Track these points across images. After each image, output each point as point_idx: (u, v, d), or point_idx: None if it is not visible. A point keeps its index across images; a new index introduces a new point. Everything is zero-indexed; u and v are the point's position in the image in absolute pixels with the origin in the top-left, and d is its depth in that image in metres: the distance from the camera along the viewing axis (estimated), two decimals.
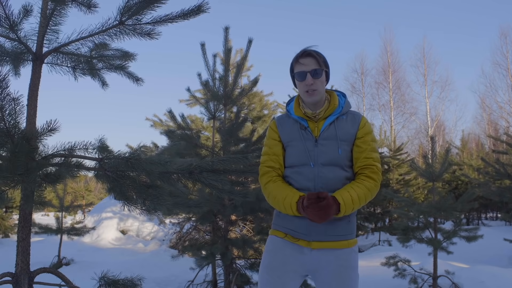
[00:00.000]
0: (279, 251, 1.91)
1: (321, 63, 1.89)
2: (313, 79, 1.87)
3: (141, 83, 2.80)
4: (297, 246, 1.89)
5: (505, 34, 26.60)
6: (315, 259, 1.88)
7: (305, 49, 1.92)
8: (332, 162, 1.88)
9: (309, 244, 1.87)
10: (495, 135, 23.72)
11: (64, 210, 8.80)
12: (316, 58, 1.89)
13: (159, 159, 2.03)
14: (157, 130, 9.66)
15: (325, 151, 1.88)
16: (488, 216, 20.36)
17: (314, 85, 1.88)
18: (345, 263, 1.87)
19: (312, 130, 1.93)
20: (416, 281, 5.55)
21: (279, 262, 1.89)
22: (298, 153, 1.91)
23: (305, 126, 1.93)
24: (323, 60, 1.92)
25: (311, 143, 1.90)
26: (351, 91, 30.21)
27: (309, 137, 1.91)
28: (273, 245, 1.94)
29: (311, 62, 1.88)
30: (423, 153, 7.94)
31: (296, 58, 1.93)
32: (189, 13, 2.15)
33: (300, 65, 1.90)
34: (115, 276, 2.46)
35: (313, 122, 1.94)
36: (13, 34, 2.22)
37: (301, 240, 1.88)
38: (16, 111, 1.92)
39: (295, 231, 1.89)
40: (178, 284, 6.19)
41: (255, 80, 5.78)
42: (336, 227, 1.87)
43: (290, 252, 1.89)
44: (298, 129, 1.94)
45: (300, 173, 1.90)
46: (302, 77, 1.89)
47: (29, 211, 2.22)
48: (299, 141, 1.92)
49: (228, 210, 5.07)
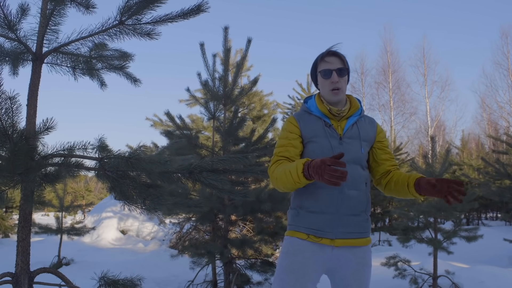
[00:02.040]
0: (299, 253, 1.89)
1: (345, 63, 1.95)
2: (339, 77, 1.91)
3: (139, 84, 2.80)
4: (319, 246, 1.88)
5: (506, 34, 26.63)
6: (335, 257, 1.89)
7: (330, 49, 1.97)
8: (355, 160, 1.92)
9: (333, 242, 1.87)
10: (495, 135, 23.72)
11: (64, 210, 8.80)
12: (341, 57, 1.94)
13: (159, 158, 2.03)
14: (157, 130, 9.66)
15: (350, 149, 1.92)
16: (488, 216, 20.37)
17: (339, 83, 1.92)
18: (363, 260, 1.90)
19: (336, 128, 1.96)
20: (416, 281, 5.55)
21: (299, 264, 1.87)
22: (323, 149, 1.91)
23: (329, 123, 1.96)
24: (346, 61, 1.97)
25: (336, 140, 1.93)
26: (351, 91, 30.19)
27: (334, 134, 1.94)
28: (293, 247, 1.91)
29: (336, 61, 1.93)
30: (423, 153, 7.94)
31: (321, 56, 1.96)
32: (189, 13, 2.16)
33: (325, 63, 1.94)
34: (115, 276, 2.46)
35: (335, 120, 1.97)
36: (13, 34, 2.22)
37: (325, 238, 1.88)
38: (13, 110, 1.92)
39: (318, 230, 1.88)
40: (178, 284, 6.19)
41: (255, 80, 5.79)
42: (357, 225, 1.90)
43: (311, 254, 1.88)
44: (322, 125, 1.95)
45: None
46: (328, 75, 1.92)
47: (29, 211, 2.22)
48: (323, 137, 1.93)
49: (228, 210, 5.07)
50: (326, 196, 1.87)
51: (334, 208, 1.86)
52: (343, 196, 1.87)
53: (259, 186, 5.71)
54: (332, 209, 1.86)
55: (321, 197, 1.88)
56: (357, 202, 1.90)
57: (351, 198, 1.88)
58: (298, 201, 1.95)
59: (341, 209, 1.87)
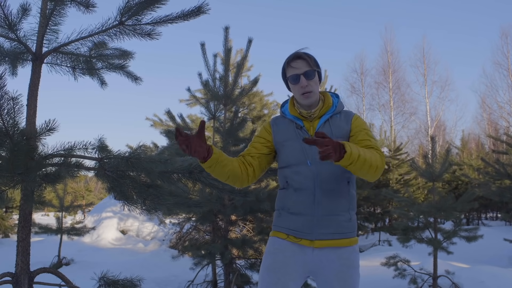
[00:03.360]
0: (280, 252, 1.91)
1: (312, 64, 1.91)
2: (307, 80, 1.89)
3: (140, 82, 2.80)
4: (299, 247, 1.89)
5: (506, 34, 26.61)
6: (317, 259, 1.89)
7: (295, 53, 1.94)
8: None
9: (312, 243, 1.88)
10: (495, 135, 23.70)
11: (64, 210, 8.80)
12: (307, 60, 1.91)
13: (159, 158, 2.03)
14: (157, 130, 9.66)
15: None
16: (488, 216, 20.37)
17: (309, 87, 1.90)
18: (347, 262, 1.88)
19: (308, 129, 1.95)
20: (416, 281, 5.55)
21: (280, 263, 1.89)
22: (294, 152, 1.92)
23: (301, 125, 1.95)
24: (313, 61, 1.94)
25: None
26: (351, 91, 30.24)
27: (305, 135, 1.93)
28: (274, 247, 1.94)
29: (302, 65, 1.90)
30: (423, 153, 7.94)
31: (287, 62, 1.95)
32: (189, 14, 2.16)
33: (292, 68, 1.92)
34: (115, 276, 2.46)
35: (308, 121, 1.96)
36: (13, 34, 2.22)
37: (304, 239, 1.89)
38: (15, 110, 1.92)
39: (297, 231, 1.89)
40: (178, 284, 6.19)
41: (255, 80, 5.78)
42: (338, 225, 1.88)
43: (292, 253, 1.90)
44: (294, 128, 1.96)
45: (298, 173, 1.91)
46: (296, 80, 1.91)
47: (29, 211, 2.22)
48: (294, 140, 1.93)
49: (228, 210, 5.07)
50: (303, 197, 1.88)
51: (311, 209, 1.86)
52: (319, 197, 1.86)
53: (258, 186, 5.71)
54: (309, 211, 1.87)
55: (299, 199, 1.89)
56: (337, 202, 1.88)
57: (329, 198, 1.87)
58: (281, 203, 1.97)
59: (318, 210, 1.86)
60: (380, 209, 13.61)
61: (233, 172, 1.86)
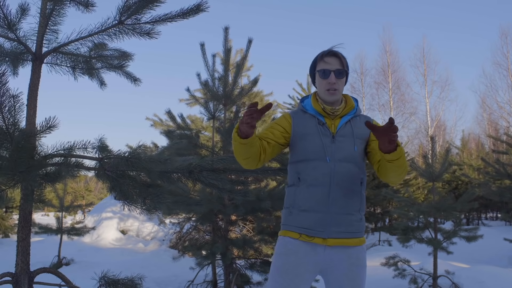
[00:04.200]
0: (292, 253, 1.90)
1: (344, 65, 1.94)
2: (336, 78, 1.92)
3: (139, 83, 2.80)
4: (311, 246, 1.88)
5: (505, 34, 26.61)
6: (328, 257, 1.89)
7: (331, 49, 1.96)
8: (348, 159, 1.91)
9: (325, 242, 1.87)
10: (495, 135, 23.71)
11: (64, 210, 8.80)
12: (341, 59, 1.94)
13: (159, 157, 2.03)
14: (157, 130, 9.66)
15: (342, 147, 1.91)
16: (488, 216, 20.37)
17: (336, 85, 1.92)
18: (357, 261, 1.89)
19: (329, 126, 1.96)
20: (416, 281, 5.55)
21: (292, 264, 1.88)
22: (314, 147, 1.92)
23: (323, 121, 1.96)
24: (346, 62, 1.97)
25: (328, 138, 1.93)
26: (351, 91, 30.20)
27: (326, 132, 1.94)
28: (286, 248, 1.92)
29: (336, 62, 1.93)
30: (423, 153, 7.94)
31: (321, 55, 1.96)
32: (188, 12, 2.16)
33: (324, 63, 1.94)
34: (115, 276, 2.46)
35: (329, 119, 1.97)
36: (12, 34, 2.22)
37: (317, 238, 1.88)
38: (16, 109, 1.92)
39: (310, 229, 1.88)
40: (178, 284, 6.19)
41: (255, 80, 5.78)
42: (350, 224, 1.89)
43: (304, 254, 1.89)
44: (315, 124, 1.96)
45: (315, 168, 1.90)
46: (326, 75, 1.92)
47: (29, 211, 2.22)
48: (316, 135, 1.93)
49: (229, 209, 5.06)
50: (317, 194, 1.87)
51: (325, 206, 1.86)
52: (334, 194, 1.86)
53: (259, 186, 5.71)
54: (323, 208, 1.86)
55: (312, 195, 1.88)
56: (350, 201, 1.89)
57: (344, 197, 1.88)
58: (291, 200, 1.95)
59: (332, 208, 1.86)
60: (380, 209, 13.61)
61: (254, 155, 1.85)
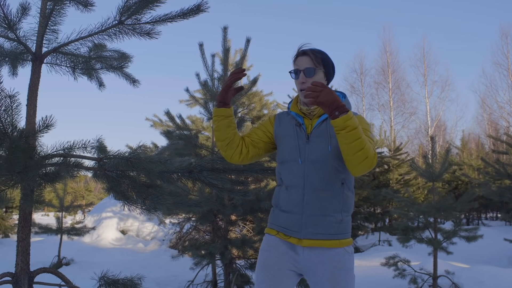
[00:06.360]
0: (273, 249, 1.92)
1: (315, 62, 1.89)
2: (306, 77, 1.88)
3: (138, 85, 2.81)
4: (290, 244, 1.91)
5: (506, 34, 26.61)
6: (308, 259, 1.88)
7: (299, 48, 1.94)
8: (322, 159, 1.86)
9: (300, 242, 1.87)
10: (495, 135, 23.71)
11: (64, 210, 8.80)
12: (311, 56, 1.89)
13: (159, 158, 2.03)
14: (157, 130, 9.66)
15: (315, 148, 1.87)
16: (488, 216, 20.36)
17: (307, 84, 1.88)
18: (338, 264, 1.85)
19: (307, 127, 1.94)
20: (416, 281, 5.54)
21: (273, 260, 1.90)
22: (288, 149, 1.93)
23: (300, 122, 1.94)
24: (319, 59, 1.90)
25: (303, 139, 1.91)
26: (351, 91, 30.23)
27: (302, 133, 1.92)
28: (268, 244, 1.96)
29: (305, 61, 1.89)
30: (423, 153, 7.94)
31: (294, 56, 1.95)
32: (189, 13, 2.16)
33: (295, 64, 1.93)
34: (115, 276, 2.46)
35: (308, 119, 1.95)
36: (12, 34, 2.21)
37: (292, 237, 1.89)
38: (13, 109, 1.92)
39: (286, 228, 1.90)
40: (178, 284, 6.19)
41: (254, 80, 5.78)
42: (328, 226, 1.86)
43: (285, 250, 1.90)
44: (293, 125, 1.95)
45: (290, 170, 1.91)
46: (297, 76, 1.92)
47: (29, 211, 2.22)
48: (291, 137, 1.93)
49: (228, 209, 5.07)
50: (294, 196, 1.88)
51: (300, 208, 1.86)
52: (309, 196, 1.85)
53: (258, 186, 5.71)
54: (298, 209, 1.87)
55: (290, 197, 1.90)
56: (327, 202, 1.85)
57: (318, 198, 1.85)
58: (275, 200, 2.00)
59: (306, 210, 1.85)
60: (380, 209, 13.60)
61: (233, 139, 1.95)
